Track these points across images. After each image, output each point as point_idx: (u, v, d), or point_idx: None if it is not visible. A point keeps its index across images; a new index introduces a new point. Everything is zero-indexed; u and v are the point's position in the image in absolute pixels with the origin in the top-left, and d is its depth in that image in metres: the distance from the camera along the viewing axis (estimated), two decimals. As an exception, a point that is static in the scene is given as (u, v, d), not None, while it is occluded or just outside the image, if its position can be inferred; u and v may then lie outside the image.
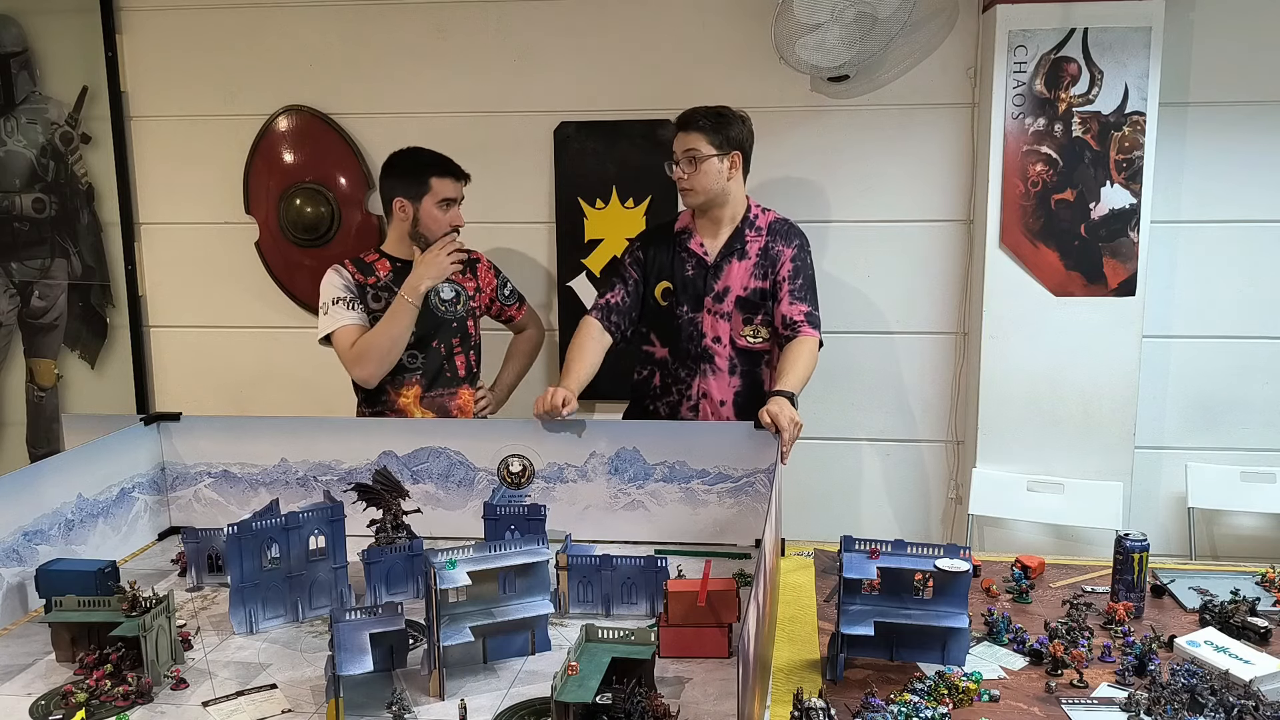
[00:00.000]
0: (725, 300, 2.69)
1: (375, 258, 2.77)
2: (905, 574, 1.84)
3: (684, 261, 2.73)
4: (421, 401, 2.74)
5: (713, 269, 2.70)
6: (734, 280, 2.69)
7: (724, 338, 2.70)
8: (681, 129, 2.65)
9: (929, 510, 3.47)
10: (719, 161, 2.63)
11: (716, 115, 2.64)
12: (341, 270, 2.73)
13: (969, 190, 3.26)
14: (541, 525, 2.22)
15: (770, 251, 2.68)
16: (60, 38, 3.54)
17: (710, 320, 2.70)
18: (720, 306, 2.69)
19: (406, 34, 3.38)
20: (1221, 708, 1.62)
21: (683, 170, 2.64)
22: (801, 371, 2.53)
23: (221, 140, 3.50)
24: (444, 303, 2.77)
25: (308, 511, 2.12)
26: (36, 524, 2.16)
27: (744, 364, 2.71)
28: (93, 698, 1.74)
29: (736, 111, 2.68)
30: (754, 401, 2.66)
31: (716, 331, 2.70)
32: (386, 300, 2.70)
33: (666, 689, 1.76)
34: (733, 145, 2.64)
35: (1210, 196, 3.20)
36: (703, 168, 2.62)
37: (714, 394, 2.72)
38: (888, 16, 3.03)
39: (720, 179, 2.64)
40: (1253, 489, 3.19)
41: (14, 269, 3.68)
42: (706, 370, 2.72)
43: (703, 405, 2.73)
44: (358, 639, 1.72)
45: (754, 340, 2.70)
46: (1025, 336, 3.15)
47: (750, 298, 2.68)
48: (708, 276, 2.70)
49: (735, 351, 2.71)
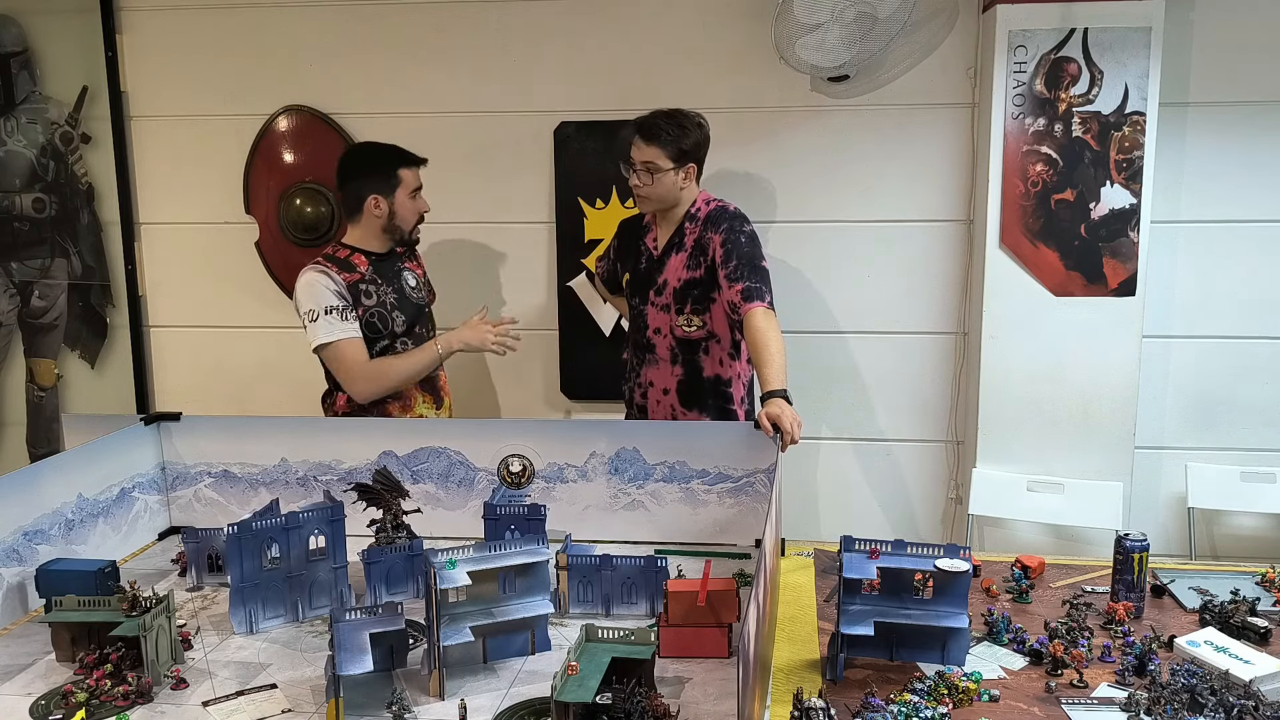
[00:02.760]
0: (665, 292, 2.78)
1: (348, 253, 2.76)
2: (905, 574, 1.84)
3: (640, 255, 2.86)
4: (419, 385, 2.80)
5: (657, 263, 2.81)
6: (671, 273, 2.77)
7: (664, 329, 2.80)
8: (642, 138, 2.69)
9: (929, 510, 3.47)
10: (674, 174, 2.69)
11: (677, 127, 2.68)
12: (327, 273, 2.69)
13: (969, 190, 3.26)
14: (541, 525, 2.21)
15: (701, 240, 2.73)
16: (60, 38, 3.55)
17: (653, 312, 2.81)
18: (660, 299, 2.79)
19: (406, 34, 3.38)
20: (1221, 708, 1.62)
21: (639, 179, 2.71)
22: (777, 359, 2.46)
23: (221, 140, 3.50)
24: (412, 290, 2.83)
25: (308, 511, 2.12)
26: (36, 524, 2.16)
27: (684, 353, 2.80)
28: (93, 698, 1.74)
29: (693, 116, 2.72)
30: (694, 388, 2.82)
31: (658, 323, 2.81)
32: (377, 295, 2.72)
33: (666, 689, 1.76)
34: (689, 158, 2.70)
35: (1210, 196, 3.20)
36: (659, 179, 2.69)
37: (658, 383, 2.84)
38: (888, 16, 3.03)
39: (674, 190, 2.72)
40: (1253, 489, 3.19)
41: (14, 269, 3.68)
42: (650, 360, 2.84)
43: (650, 393, 2.85)
44: (358, 639, 1.72)
45: (689, 329, 2.76)
46: (1025, 336, 3.15)
47: (682, 289, 2.75)
48: (653, 270, 2.81)
49: (675, 341, 2.79)
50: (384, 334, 2.74)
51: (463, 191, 3.42)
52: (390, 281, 2.77)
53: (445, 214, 3.31)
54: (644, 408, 2.89)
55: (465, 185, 3.43)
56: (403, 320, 2.76)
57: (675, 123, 2.68)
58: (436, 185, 3.30)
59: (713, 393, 2.81)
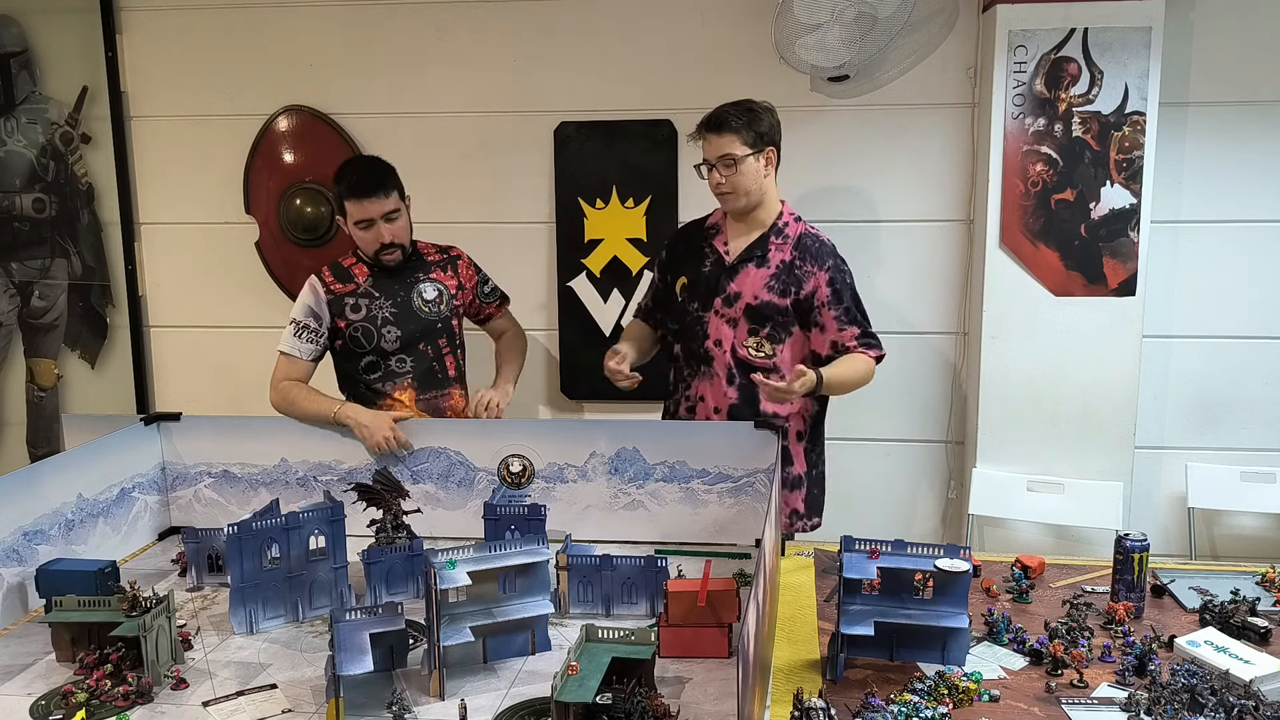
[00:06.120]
0: (735, 305, 2.58)
1: (353, 261, 2.74)
2: (905, 574, 1.84)
3: (705, 257, 2.64)
4: (416, 404, 2.71)
5: (729, 270, 2.60)
6: (747, 286, 2.57)
7: (725, 343, 2.59)
8: (712, 131, 2.50)
9: (929, 510, 3.47)
10: (755, 160, 2.51)
11: (747, 111, 2.51)
12: (315, 287, 2.67)
13: (969, 190, 3.26)
14: (541, 525, 2.22)
15: (796, 270, 2.56)
16: (60, 38, 3.55)
17: (716, 322, 2.60)
18: (729, 310, 2.59)
19: (406, 34, 3.38)
20: (1221, 708, 1.62)
21: (720, 175, 2.51)
22: (844, 370, 2.49)
23: (221, 140, 3.50)
24: (427, 304, 2.72)
25: (308, 511, 2.12)
26: (36, 524, 2.16)
27: (742, 376, 2.58)
28: (93, 698, 1.75)
29: (763, 103, 2.56)
30: (750, 417, 2.56)
31: (720, 335, 2.60)
32: (367, 309, 2.67)
33: (666, 689, 1.76)
34: (766, 141, 2.52)
35: (1210, 196, 3.20)
36: (741, 169, 2.49)
37: (709, 399, 2.63)
38: (888, 16, 3.03)
39: (759, 178, 2.53)
40: (1253, 489, 3.18)
41: (14, 269, 3.68)
42: (705, 372, 2.63)
43: (699, 408, 2.65)
44: (358, 639, 1.73)
45: (755, 354, 2.57)
46: (1025, 336, 3.15)
47: (760, 308, 2.56)
48: (722, 277, 2.60)
49: (734, 360, 2.59)
50: (368, 349, 2.68)
51: (463, 191, 3.42)
52: (392, 295, 2.69)
53: (445, 214, 3.32)
54: None
55: (465, 185, 3.43)
56: (396, 336, 2.67)
57: (743, 108, 2.51)
58: (437, 185, 3.33)
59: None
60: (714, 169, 2.53)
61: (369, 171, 2.65)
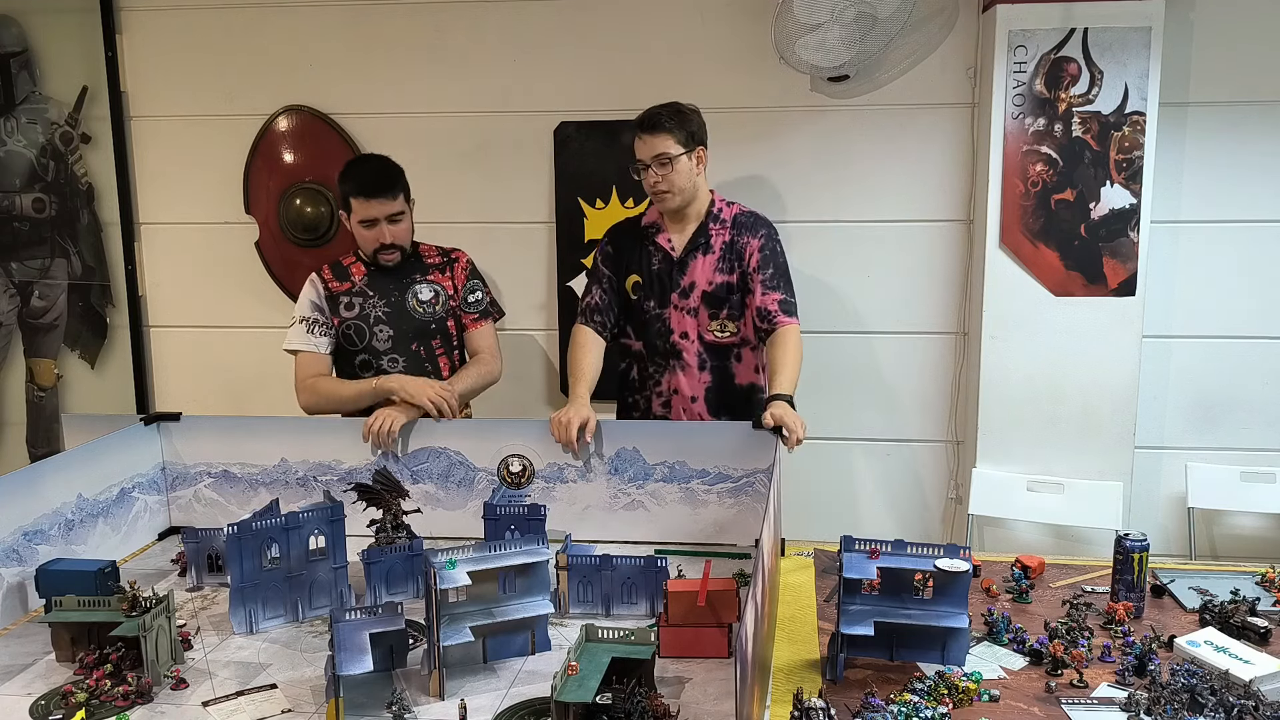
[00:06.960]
0: (691, 295, 2.69)
1: (351, 260, 2.76)
2: (905, 574, 1.84)
3: (651, 256, 2.74)
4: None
5: (678, 264, 2.71)
6: (699, 275, 2.69)
7: (691, 333, 2.71)
8: (647, 131, 2.62)
9: (929, 510, 3.47)
10: (688, 159, 2.63)
11: (677, 113, 2.63)
12: (317, 282, 2.72)
13: (969, 190, 3.26)
14: (541, 525, 2.22)
15: (736, 244, 2.69)
16: (60, 38, 3.55)
17: (677, 316, 2.71)
18: (686, 302, 2.70)
19: (406, 34, 3.38)
20: (1221, 708, 1.62)
21: (656, 174, 2.62)
22: (792, 369, 2.53)
23: (221, 140, 3.50)
24: (421, 304, 2.73)
25: (308, 511, 2.12)
26: (36, 524, 2.16)
27: (713, 359, 2.72)
28: (93, 698, 1.75)
29: (689, 105, 2.68)
30: (725, 396, 2.73)
31: (684, 327, 2.71)
32: (360, 307, 2.69)
33: (666, 689, 1.76)
34: (696, 141, 2.65)
35: (1210, 196, 3.20)
36: (676, 167, 2.62)
37: (684, 390, 2.73)
38: (888, 16, 3.03)
39: (691, 176, 2.65)
40: (1253, 489, 3.18)
41: (14, 269, 3.68)
42: (675, 366, 2.73)
43: (674, 401, 2.75)
44: (358, 639, 1.73)
45: (721, 335, 2.70)
46: (1025, 336, 3.15)
47: (716, 292, 2.68)
48: (673, 271, 2.71)
49: (704, 346, 2.71)
50: (360, 347, 2.71)
51: (462, 191, 3.43)
52: (387, 295, 2.71)
53: (445, 214, 3.32)
54: (665, 418, 2.76)
55: (465, 185, 3.43)
56: (388, 335, 2.70)
57: (673, 109, 2.63)
58: (437, 185, 3.33)
59: (746, 400, 2.74)
60: (649, 169, 2.63)
61: (380, 172, 2.68)
